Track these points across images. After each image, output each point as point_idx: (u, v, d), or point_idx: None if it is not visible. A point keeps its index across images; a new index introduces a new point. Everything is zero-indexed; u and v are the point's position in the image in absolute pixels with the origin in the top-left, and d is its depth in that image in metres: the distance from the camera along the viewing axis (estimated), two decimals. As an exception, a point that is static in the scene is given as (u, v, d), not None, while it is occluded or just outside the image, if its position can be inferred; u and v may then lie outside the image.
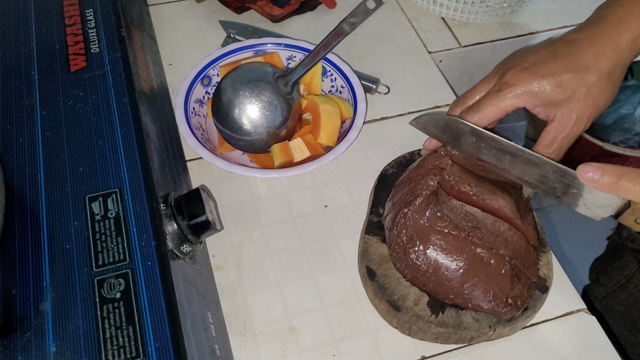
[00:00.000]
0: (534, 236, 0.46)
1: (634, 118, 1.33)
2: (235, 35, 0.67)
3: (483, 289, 0.44)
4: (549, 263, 0.48)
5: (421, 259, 0.44)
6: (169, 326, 0.35)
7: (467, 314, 0.45)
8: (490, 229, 0.44)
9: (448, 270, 0.44)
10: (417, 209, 0.45)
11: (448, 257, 0.44)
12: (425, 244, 0.44)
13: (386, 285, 0.46)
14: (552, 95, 0.43)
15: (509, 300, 0.44)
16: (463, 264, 0.44)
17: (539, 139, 0.45)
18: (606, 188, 0.39)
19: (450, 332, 0.44)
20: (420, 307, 0.45)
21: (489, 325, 0.44)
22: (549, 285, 0.47)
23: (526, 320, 0.45)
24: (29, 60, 0.50)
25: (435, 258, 0.44)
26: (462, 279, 0.44)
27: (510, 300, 0.44)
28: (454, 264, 0.44)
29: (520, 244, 0.45)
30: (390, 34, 0.70)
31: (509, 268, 0.43)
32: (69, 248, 0.38)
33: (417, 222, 0.45)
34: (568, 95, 0.43)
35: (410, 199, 0.46)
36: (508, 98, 0.44)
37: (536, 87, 0.43)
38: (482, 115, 0.45)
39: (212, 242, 0.51)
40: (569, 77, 0.43)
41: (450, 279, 0.44)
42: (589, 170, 0.39)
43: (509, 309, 0.44)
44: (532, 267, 0.46)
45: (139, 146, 0.43)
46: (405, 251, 0.45)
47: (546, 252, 0.48)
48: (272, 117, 0.54)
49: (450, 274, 0.44)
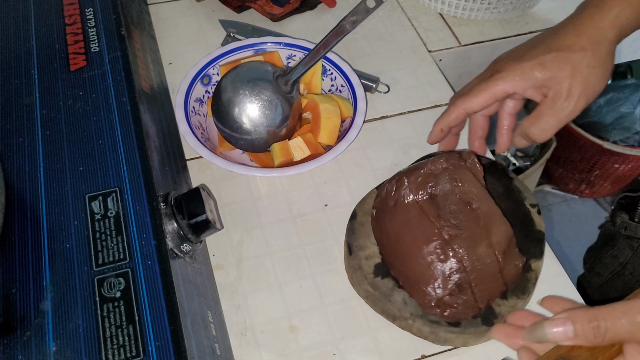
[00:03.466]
0: (508, 278, 0.45)
1: (633, 117, 1.33)
2: (235, 34, 0.67)
3: (423, 279, 0.44)
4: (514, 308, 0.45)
5: (390, 225, 0.46)
6: (169, 325, 0.35)
7: (401, 292, 0.45)
8: (469, 238, 0.44)
9: (405, 247, 0.45)
10: (415, 181, 0.46)
11: (411, 236, 0.45)
12: (401, 214, 0.46)
13: (356, 232, 0.49)
14: (537, 75, 0.45)
15: (438, 302, 0.44)
16: (420, 249, 0.44)
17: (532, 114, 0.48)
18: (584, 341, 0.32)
19: (378, 298, 0.45)
20: (368, 262, 0.47)
21: (411, 313, 0.44)
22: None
23: (449, 335, 0.44)
24: (29, 60, 0.50)
25: (401, 230, 0.46)
26: (412, 261, 0.44)
27: (440, 304, 0.44)
28: (413, 244, 0.45)
29: (490, 270, 0.44)
30: (390, 33, 0.70)
31: (456, 276, 0.43)
32: (69, 247, 0.38)
33: (407, 193, 0.46)
34: (553, 72, 0.45)
35: (416, 172, 0.47)
36: (496, 83, 0.46)
37: (520, 69, 0.46)
38: (472, 98, 0.47)
39: (212, 241, 0.51)
40: (552, 56, 0.45)
41: (403, 255, 0.45)
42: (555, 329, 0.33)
43: (433, 311, 0.44)
44: (487, 295, 0.44)
45: (138, 145, 0.43)
46: (383, 212, 0.47)
47: (522, 299, 0.45)
48: (272, 116, 0.54)
49: (405, 251, 0.45)
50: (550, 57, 0.45)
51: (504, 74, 0.46)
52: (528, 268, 0.46)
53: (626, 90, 1.33)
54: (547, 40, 0.47)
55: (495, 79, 0.46)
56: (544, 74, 0.45)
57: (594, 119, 1.34)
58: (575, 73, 0.45)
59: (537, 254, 0.47)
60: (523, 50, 0.47)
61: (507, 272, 0.45)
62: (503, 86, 0.46)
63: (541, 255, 0.47)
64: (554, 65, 0.45)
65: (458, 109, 0.49)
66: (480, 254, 0.44)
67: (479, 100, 0.47)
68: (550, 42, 0.46)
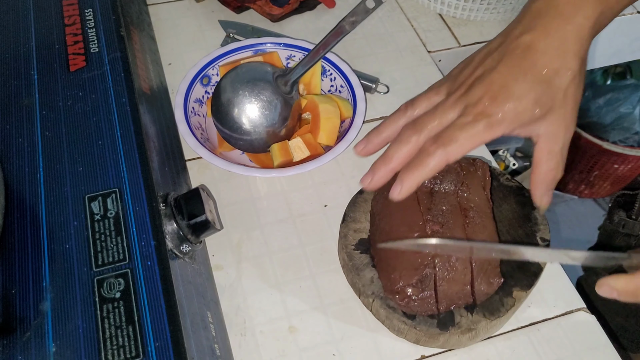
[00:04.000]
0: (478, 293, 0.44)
1: (633, 117, 1.33)
2: (234, 34, 0.67)
3: (392, 263, 0.44)
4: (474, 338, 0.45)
5: (383, 204, 0.48)
6: (169, 326, 0.35)
7: (372, 271, 0.46)
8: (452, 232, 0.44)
9: (387, 228, 0.46)
10: None
11: (396, 219, 0.46)
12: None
13: (357, 205, 0.50)
14: (532, 114, 0.39)
15: (397, 289, 0.44)
16: (399, 234, 0.45)
17: (535, 161, 0.41)
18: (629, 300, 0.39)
19: (349, 269, 0.47)
20: (355, 234, 0.49)
21: (373, 291, 0.45)
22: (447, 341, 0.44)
23: (402, 325, 0.44)
24: (28, 60, 0.50)
25: (389, 211, 0.47)
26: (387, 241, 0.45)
27: (400, 292, 0.44)
28: (395, 228, 0.45)
29: (459, 278, 0.44)
30: (389, 33, 0.70)
31: (423, 271, 0.43)
32: (68, 248, 0.38)
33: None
34: (548, 107, 0.40)
35: None
36: (485, 129, 0.39)
37: (514, 112, 0.39)
38: (457, 149, 0.39)
39: (211, 241, 0.51)
40: (543, 89, 0.39)
41: (383, 235, 0.46)
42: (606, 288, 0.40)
43: (393, 296, 0.44)
44: (450, 301, 0.44)
45: (138, 146, 0.43)
46: (383, 190, 0.47)
47: (489, 319, 0.44)
48: (272, 116, 0.54)
49: (386, 232, 0.46)
50: (542, 90, 0.39)
51: (495, 119, 0.39)
52: (508, 293, 0.45)
53: (625, 90, 1.33)
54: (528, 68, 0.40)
55: (486, 127, 0.39)
56: (540, 112, 0.40)
57: (593, 119, 1.34)
58: (566, 99, 0.40)
59: (525, 285, 0.45)
60: (501, 82, 0.40)
61: (478, 286, 0.44)
62: (493, 132, 0.39)
63: (528, 288, 0.45)
64: (548, 99, 0.40)
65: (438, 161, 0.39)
66: (455, 259, 0.43)
67: (464, 151, 0.39)
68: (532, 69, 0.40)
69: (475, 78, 0.41)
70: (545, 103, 0.40)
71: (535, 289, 0.48)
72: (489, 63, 0.41)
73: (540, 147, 0.41)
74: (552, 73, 0.40)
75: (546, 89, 0.39)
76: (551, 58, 0.40)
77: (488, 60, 0.41)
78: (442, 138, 0.39)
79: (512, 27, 0.42)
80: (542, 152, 0.41)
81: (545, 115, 0.40)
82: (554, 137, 0.41)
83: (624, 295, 0.39)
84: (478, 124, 0.39)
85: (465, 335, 0.43)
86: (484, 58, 0.42)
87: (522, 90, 0.39)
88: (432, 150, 0.39)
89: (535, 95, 0.39)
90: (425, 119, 0.41)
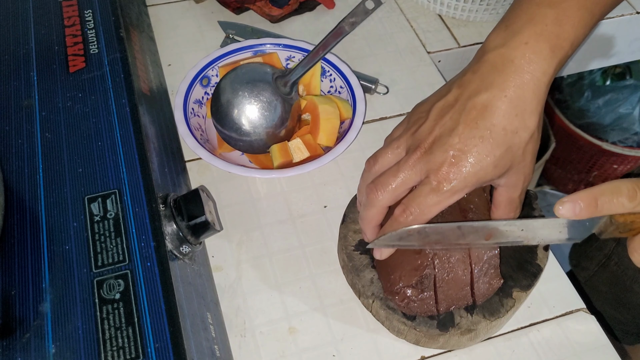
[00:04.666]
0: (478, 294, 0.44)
1: (632, 117, 1.33)
2: (234, 35, 0.67)
3: (391, 264, 0.44)
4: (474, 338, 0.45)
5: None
6: (169, 327, 0.35)
7: (372, 272, 0.46)
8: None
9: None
10: None
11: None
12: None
13: (356, 205, 0.50)
14: (492, 176, 0.41)
15: (397, 290, 0.44)
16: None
17: (495, 204, 0.44)
18: (589, 214, 0.37)
19: (349, 270, 0.47)
20: (354, 235, 0.49)
21: (373, 292, 0.45)
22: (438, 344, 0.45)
23: (402, 326, 0.44)
24: (28, 61, 0.50)
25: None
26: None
27: (399, 293, 0.44)
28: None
29: (459, 280, 0.43)
30: (389, 34, 0.70)
31: (423, 272, 0.43)
32: (68, 249, 0.38)
33: None
34: (508, 166, 0.41)
35: None
36: (450, 196, 0.41)
37: (475, 178, 0.40)
38: (425, 217, 0.41)
39: (211, 242, 0.51)
40: (503, 152, 0.40)
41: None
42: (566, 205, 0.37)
43: (392, 297, 0.44)
44: (450, 302, 0.44)
45: (138, 147, 0.43)
46: None
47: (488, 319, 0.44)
48: (271, 117, 0.54)
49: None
50: (501, 153, 0.40)
51: (457, 186, 0.40)
52: (508, 294, 0.45)
53: (625, 91, 1.33)
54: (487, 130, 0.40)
55: (449, 194, 0.40)
56: (500, 171, 0.41)
57: (592, 119, 1.34)
58: (526, 154, 0.41)
59: (524, 286, 0.45)
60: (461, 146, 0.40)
61: (478, 288, 0.44)
62: (457, 196, 0.41)
63: (528, 289, 0.45)
64: (508, 160, 0.40)
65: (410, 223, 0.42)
66: (454, 260, 0.43)
67: (432, 215, 0.41)
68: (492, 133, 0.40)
69: (435, 138, 0.41)
70: (504, 165, 0.41)
71: (535, 290, 0.48)
72: (447, 123, 0.41)
73: (500, 194, 0.43)
74: (511, 134, 0.40)
75: (506, 152, 0.40)
76: (510, 119, 0.40)
77: (446, 119, 0.41)
78: (411, 207, 0.41)
79: (469, 79, 0.42)
80: (502, 197, 0.44)
81: (505, 173, 0.41)
82: (514, 187, 0.43)
83: (585, 206, 0.37)
84: (442, 192, 0.40)
85: (465, 336, 0.43)
86: (440, 114, 0.42)
87: (481, 156, 0.40)
88: (402, 220, 0.41)
89: (494, 159, 0.40)
90: (387, 178, 0.42)
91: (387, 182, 0.42)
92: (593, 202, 0.37)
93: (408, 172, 0.42)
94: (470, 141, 0.40)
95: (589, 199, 0.37)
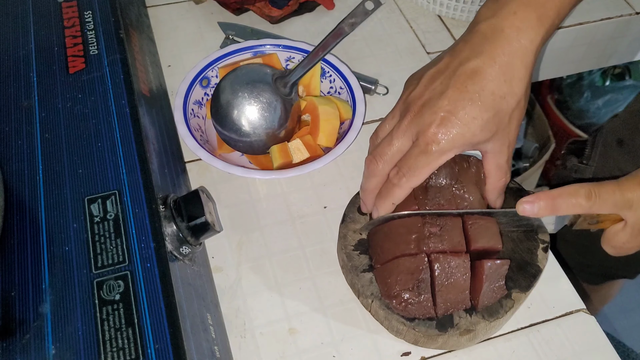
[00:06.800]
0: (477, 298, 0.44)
1: (632, 118, 1.33)
2: (233, 36, 0.67)
3: (388, 267, 0.44)
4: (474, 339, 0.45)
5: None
6: (169, 328, 0.35)
7: (370, 275, 0.46)
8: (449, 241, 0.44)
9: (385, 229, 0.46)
10: None
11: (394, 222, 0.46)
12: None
13: (356, 205, 0.51)
14: (479, 139, 0.42)
15: (394, 294, 0.44)
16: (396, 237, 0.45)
17: (486, 172, 0.46)
18: (548, 213, 0.40)
19: (349, 270, 0.47)
20: (354, 235, 0.49)
21: (372, 292, 0.45)
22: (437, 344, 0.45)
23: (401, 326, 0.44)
24: (28, 63, 0.50)
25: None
26: (386, 244, 0.45)
27: (396, 297, 0.44)
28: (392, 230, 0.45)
29: (459, 283, 0.43)
30: (388, 34, 0.70)
31: (418, 274, 0.43)
32: (68, 250, 0.38)
33: None
34: (494, 131, 0.43)
35: None
36: (438, 156, 0.42)
37: (462, 139, 0.42)
38: (418, 178, 0.43)
39: (211, 243, 0.51)
40: (491, 116, 0.42)
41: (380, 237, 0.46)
42: (525, 205, 0.41)
43: (390, 300, 0.44)
44: (448, 305, 0.44)
45: (137, 148, 0.43)
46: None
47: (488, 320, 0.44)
48: (271, 118, 0.54)
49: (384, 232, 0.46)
50: (489, 116, 0.42)
51: (444, 144, 0.42)
52: (507, 295, 0.45)
53: (625, 91, 1.33)
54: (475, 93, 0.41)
55: (435, 153, 0.42)
56: (487, 134, 0.42)
57: (592, 120, 1.34)
58: (512, 120, 0.43)
59: (524, 287, 0.45)
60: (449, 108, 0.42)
61: (483, 299, 0.44)
62: (445, 157, 0.43)
63: (527, 289, 0.45)
64: (494, 124, 0.42)
65: (404, 190, 0.44)
66: (454, 264, 0.43)
67: (425, 176, 0.44)
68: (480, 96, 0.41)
69: (424, 101, 0.43)
70: (491, 128, 0.42)
71: (534, 290, 0.48)
72: (437, 87, 0.43)
73: (488, 162, 0.45)
74: (499, 99, 0.42)
75: (493, 116, 0.42)
76: (498, 84, 0.42)
77: (436, 84, 0.43)
78: (402, 169, 0.43)
79: (460, 48, 0.44)
80: (491, 165, 0.45)
81: (491, 137, 0.43)
82: (500, 153, 0.44)
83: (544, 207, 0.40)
84: (431, 152, 0.42)
85: (464, 336, 0.43)
86: (431, 80, 0.44)
87: (469, 118, 0.41)
88: (396, 182, 0.44)
89: (481, 122, 0.42)
90: (384, 147, 0.45)
91: (384, 152, 0.44)
92: (550, 202, 0.40)
93: (401, 137, 0.44)
94: (459, 103, 0.41)
95: (548, 200, 0.40)
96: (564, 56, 0.76)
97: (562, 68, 0.79)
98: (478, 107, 0.41)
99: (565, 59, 0.77)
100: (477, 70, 0.42)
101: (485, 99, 0.41)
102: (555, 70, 0.79)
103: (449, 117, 0.41)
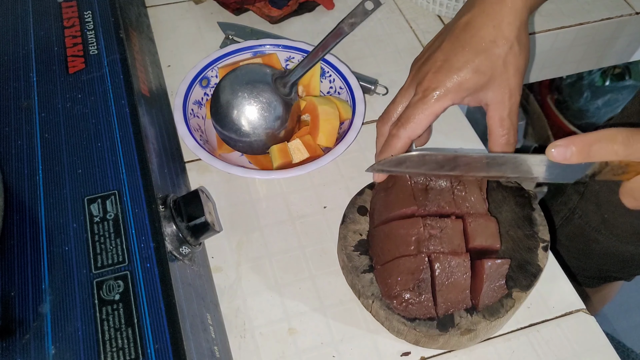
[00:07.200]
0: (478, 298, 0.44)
1: (632, 118, 1.33)
2: (233, 36, 0.67)
3: (388, 268, 0.44)
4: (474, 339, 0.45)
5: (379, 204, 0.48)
6: (168, 328, 0.35)
7: (370, 276, 0.46)
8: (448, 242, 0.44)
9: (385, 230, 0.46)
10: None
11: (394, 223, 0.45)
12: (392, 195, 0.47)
13: (356, 205, 0.51)
14: (474, 82, 0.44)
15: (395, 294, 0.44)
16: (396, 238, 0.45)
17: (488, 128, 0.46)
18: (580, 160, 0.37)
19: (349, 270, 0.47)
20: (354, 235, 0.49)
21: (372, 293, 0.45)
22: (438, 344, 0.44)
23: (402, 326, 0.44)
24: (28, 62, 0.50)
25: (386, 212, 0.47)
26: (387, 245, 0.45)
27: (397, 297, 0.44)
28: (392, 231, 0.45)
29: (459, 283, 0.43)
30: (388, 34, 0.70)
31: (419, 274, 0.43)
32: (67, 250, 0.38)
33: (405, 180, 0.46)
34: (489, 75, 0.44)
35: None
36: (434, 102, 0.44)
37: (456, 82, 0.44)
38: (415, 125, 0.45)
39: (211, 243, 0.51)
40: (482, 59, 0.44)
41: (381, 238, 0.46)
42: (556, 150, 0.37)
43: (390, 300, 0.44)
44: (449, 305, 0.44)
45: (137, 148, 0.43)
46: (380, 191, 0.49)
47: (488, 320, 0.44)
48: (271, 118, 0.54)
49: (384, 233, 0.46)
50: (481, 60, 0.44)
51: (438, 89, 0.44)
52: (508, 294, 0.45)
53: (624, 91, 1.33)
54: (466, 41, 0.44)
55: (431, 99, 0.44)
56: (481, 79, 0.44)
57: (592, 120, 1.34)
58: (507, 66, 0.44)
59: (524, 286, 0.45)
60: (444, 57, 0.45)
61: (483, 298, 0.44)
62: (441, 103, 0.44)
63: (527, 289, 0.45)
64: (487, 67, 0.44)
65: (402, 140, 0.46)
66: (455, 264, 0.43)
67: (423, 125, 0.45)
68: (471, 42, 0.44)
69: (424, 59, 0.47)
70: (485, 72, 0.44)
71: (534, 290, 0.48)
72: (435, 44, 0.47)
73: (491, 115, 0.46)
74: (490, 43, 0.44)
75: (484, 59, 0.44)
76: (488, 30, 0.44)
77: (435, 43, 0.48)
78: (402, 119, 0.45)
79: (457, 14, 0.48)
80: (493, 119, 0.46)
81: (488, 83, 0.44)
82: (501, 104, 0.45)
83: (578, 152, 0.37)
84: (427, 99, 0.44)
85: (465, 336, 0.43)
86: (432, 42, 0.49)
87: (461, 62, 0.44)
88: (394, 132, 0.46)
89: (474, 65, 0.44)
90: (389, 108, 0.48)
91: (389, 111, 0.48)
92: (586, 148, 0.37)
93: (404, 95, 0.47)
94: (452, 51, 0.45)
95: (582, 145, 0.37)
96: (563, 56, 0.76)
97: (562, 68, 0.79)
98: (469, 52, 0.44)
99: (565, 59, 0.77)
100: (468, 22, 0.45)
101: (476, 43, 0.44)
102: (555, 70, 0.79)
103: (443, 65, 0.44)
